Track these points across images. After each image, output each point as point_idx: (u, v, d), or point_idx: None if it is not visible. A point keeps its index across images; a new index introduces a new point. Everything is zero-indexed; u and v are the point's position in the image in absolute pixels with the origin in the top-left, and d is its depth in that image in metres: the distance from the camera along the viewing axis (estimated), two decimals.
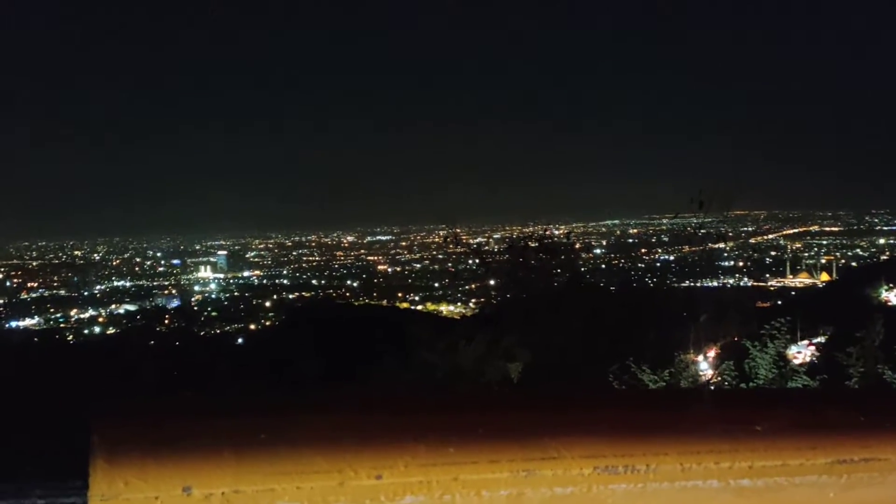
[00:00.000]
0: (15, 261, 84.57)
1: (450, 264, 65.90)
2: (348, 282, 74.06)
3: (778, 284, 58.47)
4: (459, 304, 57.26)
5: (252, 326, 54.44)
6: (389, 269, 79.03)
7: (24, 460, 0.91)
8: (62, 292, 69.89)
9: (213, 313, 61.77)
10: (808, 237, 76.98)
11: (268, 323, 54.57)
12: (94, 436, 0.99)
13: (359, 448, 1.16)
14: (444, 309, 56.95)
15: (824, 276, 59.24)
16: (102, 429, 1.01)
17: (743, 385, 7.11)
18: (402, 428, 1.28)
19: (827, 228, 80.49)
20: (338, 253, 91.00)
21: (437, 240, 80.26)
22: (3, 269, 77.91)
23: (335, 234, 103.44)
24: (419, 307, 58.13)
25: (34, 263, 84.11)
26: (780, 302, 41.83)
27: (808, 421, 1.18)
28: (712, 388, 7.59)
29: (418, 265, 78.72)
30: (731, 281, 52.48)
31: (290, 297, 67.55)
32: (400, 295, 65.04)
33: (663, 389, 6.44)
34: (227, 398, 1.42)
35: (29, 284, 72.24)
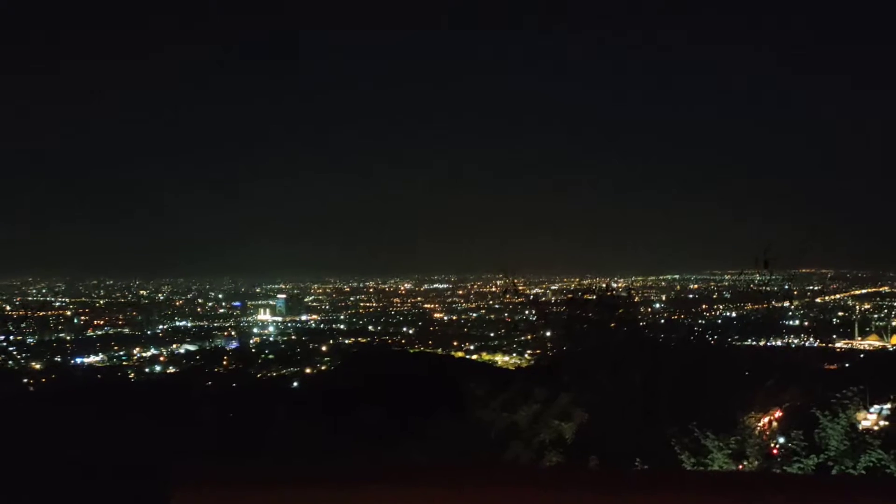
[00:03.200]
0: (84, 299, 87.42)
1: (506, 314, 65.56)
2: (404, 329, 74.24)
3: (846, 346, 56.39)
4: (515, 354, 56.73)
5: (308, 370, 54.83)
6: (445, 318, 78.97)
7: None
8: (126, 331, 71.83)
9: (270, 356, 62.48)
10: (878, 298, 74.16)
11: (324, 367, 54.90)
12: None
13: None
14: (500, 359, 56.49)
15: (895, 339, 56.95)
16: (185, 501, 1.04)
17: (813, 456, 6.82)
18: (471, 501, 1.29)
19: None
20: (395, 300, 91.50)
21: (493, 289, 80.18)
22: (72, 307, 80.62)
23: (392, 281, 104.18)
24: (474, 356, 57.79)
25: (101, 302, 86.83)
26: (847, 364, 40.33)
27: None
28: (779, 458, 7.30)
29: (474, 314, 78.52)
30: (795, 341, 50.84)
31: (347, 342, 67.99)
32: (455, 343, 64.83)
33: (734, 473, 6.24)
34: (301, 468, 1.44)
35: (95, 322, 74.46)
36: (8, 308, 77.65)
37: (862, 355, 49.90)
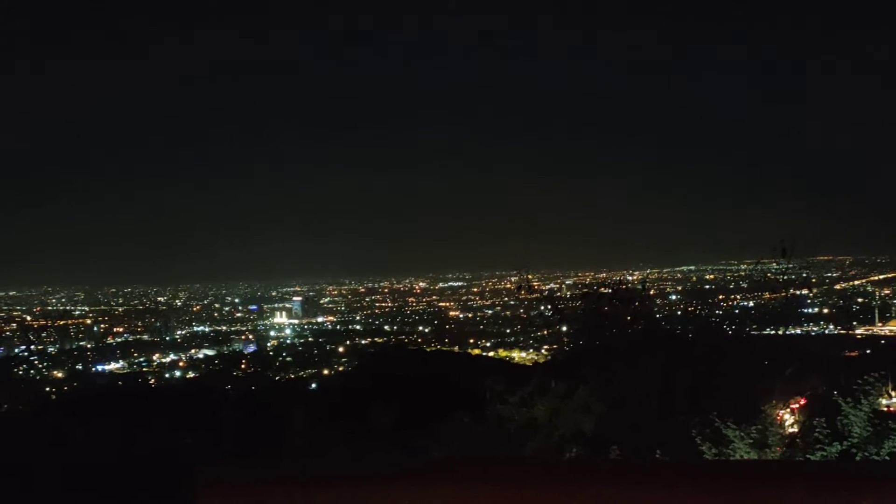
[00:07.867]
0: (103, 307, 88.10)
1: (521, 311, 65.50)
2: (420, 328, 74.32)
3: (866, 332, 55.87)
4: (531, 350, 56.67)
5: (325, 372, 55.03)
6: (461, 315, 79.00)
7: None
8: (145, 337, 72.39)
9: (288, 359, 62.75)
10: None
11: (341, 368, 55.10)
12: None
13: None
14: (516, 356, 56.45)
15: None
16: (209, 500, 1.05)
17: (836, 443, 6.78)
18: (491, 497, 1.29)
19: None
20: (410, 299, 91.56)
21: (508, 286, 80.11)
22: (91, 315, 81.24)
23: (407, 281, 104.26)
24: (490, 353, 57.79)
25: (120, 309, 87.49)
26: (868, 351, 39.96)
27: None
28: (800, 444, 7.26)
29: (490, 311, 78.51)
30: (815, 328, 50.50)
31: (363, 342, 68.18)
32: (471, 341, 64.85)
33: (760, 461, 6.19)
34: (321, 467, 1.44)
35: (115, 329, 75.05)
36: (28, 318, 78.31)
37: (883, 341, 49.43)
